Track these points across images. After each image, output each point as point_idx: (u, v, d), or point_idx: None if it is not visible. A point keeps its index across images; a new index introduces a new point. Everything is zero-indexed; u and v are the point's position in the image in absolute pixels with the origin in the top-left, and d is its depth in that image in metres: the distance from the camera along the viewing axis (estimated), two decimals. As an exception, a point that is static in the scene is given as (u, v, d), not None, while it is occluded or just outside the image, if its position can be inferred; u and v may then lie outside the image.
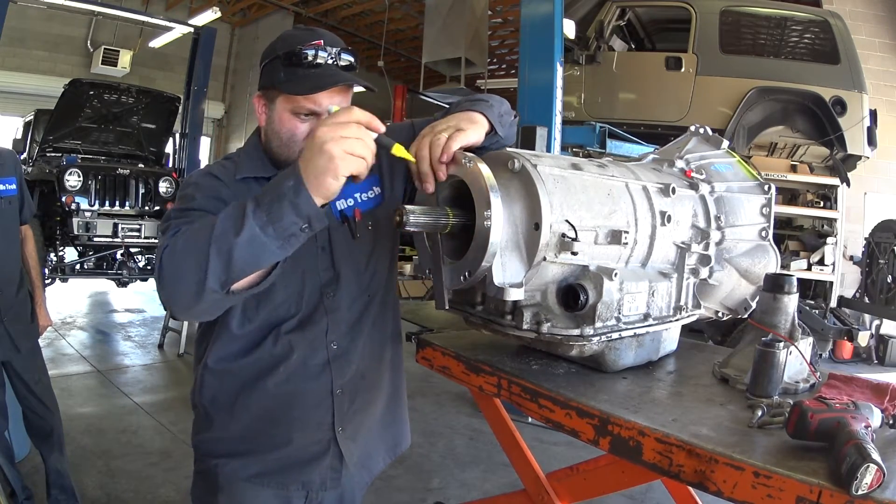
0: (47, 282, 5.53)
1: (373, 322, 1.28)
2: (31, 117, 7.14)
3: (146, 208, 6.24)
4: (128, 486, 2.75)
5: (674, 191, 1.44)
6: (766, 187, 1.67)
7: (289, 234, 0.89)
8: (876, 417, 0.97)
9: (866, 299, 5.29)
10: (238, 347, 1.20)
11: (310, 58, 1.10)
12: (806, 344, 1.30)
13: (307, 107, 1.11)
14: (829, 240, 6.01)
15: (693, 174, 1.59)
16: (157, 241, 4.95)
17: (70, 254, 6.15)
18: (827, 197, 6.14)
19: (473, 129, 1.12)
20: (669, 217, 1.40)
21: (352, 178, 0.93)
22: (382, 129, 0.96)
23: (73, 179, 5.74)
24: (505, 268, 1.18)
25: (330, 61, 1.12)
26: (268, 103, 1.17)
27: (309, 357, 1.20)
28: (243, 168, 1.20)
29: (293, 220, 0.88)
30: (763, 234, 1.65)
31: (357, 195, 1.24)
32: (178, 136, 7.52)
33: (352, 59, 1.16)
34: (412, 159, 1.08)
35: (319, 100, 1.11)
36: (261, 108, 1.19)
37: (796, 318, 1.31)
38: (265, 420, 1.21)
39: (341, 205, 1.21)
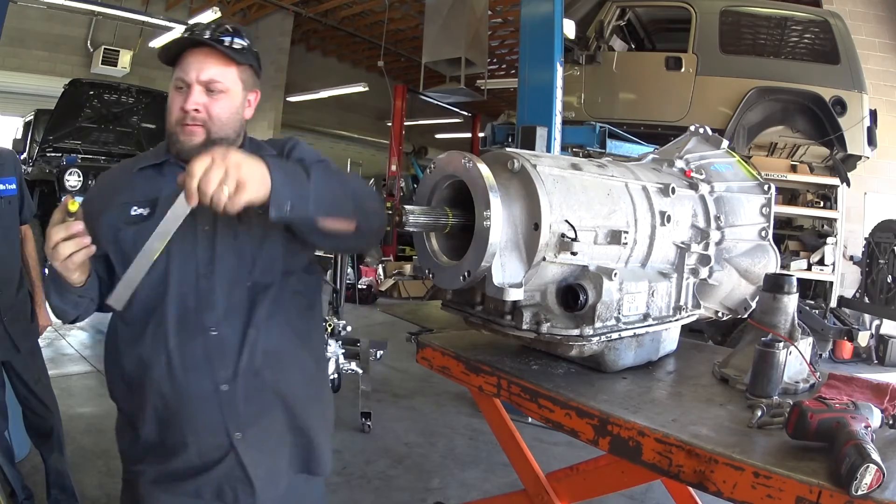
0: (47, 282, 5.52)
1: (268, 316, 1.18)
2: (31, 117, 7.14)
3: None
4: (128, 486, 2.74)
5: (673, 191, 1.44)
6: (765, 187, 1.67)
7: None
8: (876, 417, 0.97)
9: (866, 299, 5.28)
10: (127, 334, 1.18)
11: (187, 31, 1.16)
12: (806, 344, 1.30)
13: (179, 77, 1.15)
14: (829, 240, 6.00)
15: (693, 174, 1.59)
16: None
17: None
18: (827, 197, 6.13)
19: (255, 189, 0.97)
20: (669, 217, 1.40)
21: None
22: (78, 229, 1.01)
23: (73, 179, 5.74)
24: (504, 268, 1.18)
25: (206, 36, 1.14)
26: None
27: (187, 343, 1.13)
28: (142, 159, 1.25)
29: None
30: (763, 233, 1.65)
31: None
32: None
33: (237, 42, 1.16)
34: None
35: (188, 69, 1.14)
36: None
37: (796, 318, 1.31)
38: (161, 420, 1.16)
39: None
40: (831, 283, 5.94)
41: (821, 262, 6.00)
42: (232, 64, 1.16)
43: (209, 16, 9.14)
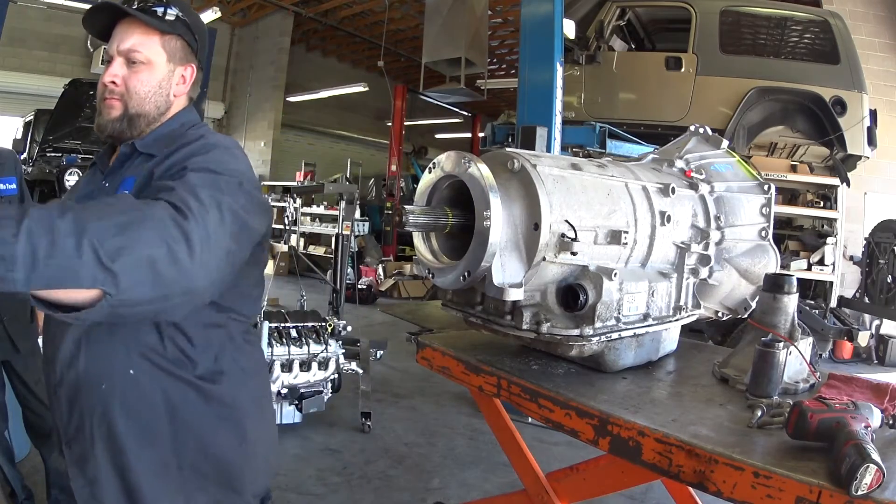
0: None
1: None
2: (31, 117, 7.15)
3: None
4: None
5: (673, 191, 1.44)
6: (765, 187, 1.67)
7: None
8: (876, 417, 0.97)
9: (866, 299, 5.28)
10: None
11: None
12: (806, 344, 1.30)
13: (105, 50, 1.11)
14: (829, 240, 6.00)
15: (693, 174, 1.59)
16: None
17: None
18: (827, 197, 6.13)
19: None
20: (669, 217, 1.40)
21: None
22: None
23: (73, 179, 5.75)
24: (504, 268, 1.18)
25: (127, 5, 1.07)
26: None
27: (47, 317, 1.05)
28: (97, 160, 1.20)
29: None
30: (763, 233, 1.65)
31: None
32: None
33: (167, 12, 1.09)
34: None
35: (111, 41, 1.09)
36: None
37: (796, 318, 1.31)
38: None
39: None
40: (831, 283, 5.94)
41: (821, 262, 6.01)
42: (155, 33, 1.08)
43: (209, 16, 9.14)
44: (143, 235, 0.79)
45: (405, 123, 10.77)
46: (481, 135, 7.97)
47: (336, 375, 3.41)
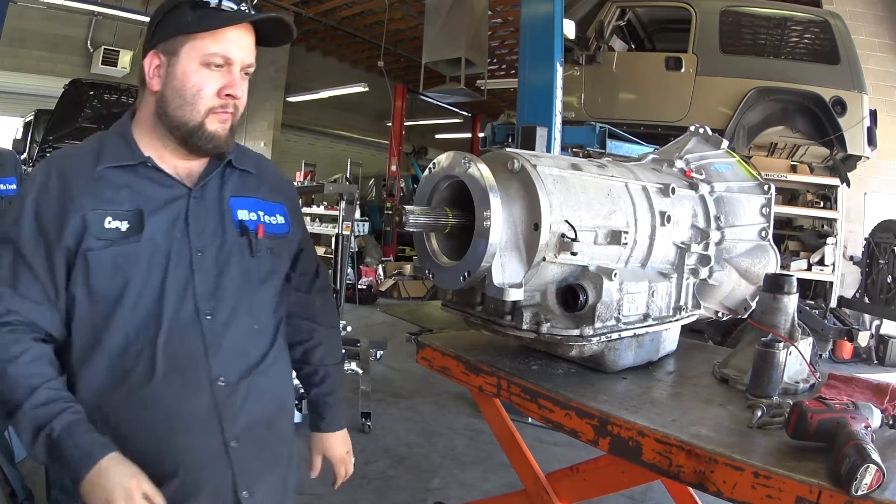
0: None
1: (272, 360, 1.07)
2: (31, 117, 7.16)
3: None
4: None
5: (673, 191, 1.44)
6: (765, 187, 1.67)
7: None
8: (876, 418, 0.97)
9: (866, 299, 5.28)
10: (109, 383, 0.96)
11: (215, 3, 0.97)
12: (806, 344, 1.30)
13: (221, 54, 0.97)
14: (829, 240, 6.00)
15: (693, 174, 1.59)
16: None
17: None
18: (827, 197, 6.13)
19: None
20: (669, 217, 1.40)
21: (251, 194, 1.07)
22: None
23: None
24: (504, 268, 1.19)
25: (243, 7, 1.00)
26: (168, 58, 0.98)
27: (189, 399, 0.96)
28: (105, 156, 0.99)
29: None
30: (763, 234, 1.65)
31: (260, 212, 1.09)
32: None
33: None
34: None
35: (230, 47, 0.97)
36: (154, 69, 0.99)
37: (796, 319, 1.31)
38: (157, 483, 0.94)
39: (244, 215, 1.06)
40: (831, 283, 5.94)
41: (821, 263, 6.00)
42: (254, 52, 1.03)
43: (209, 16, 9.13)
44: None
45: (405, 123, 10.77)
46: (481, 135, 7.97)
47: (336, 375, 3.40)
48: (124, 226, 0.94)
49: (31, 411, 0.89)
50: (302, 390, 1.26)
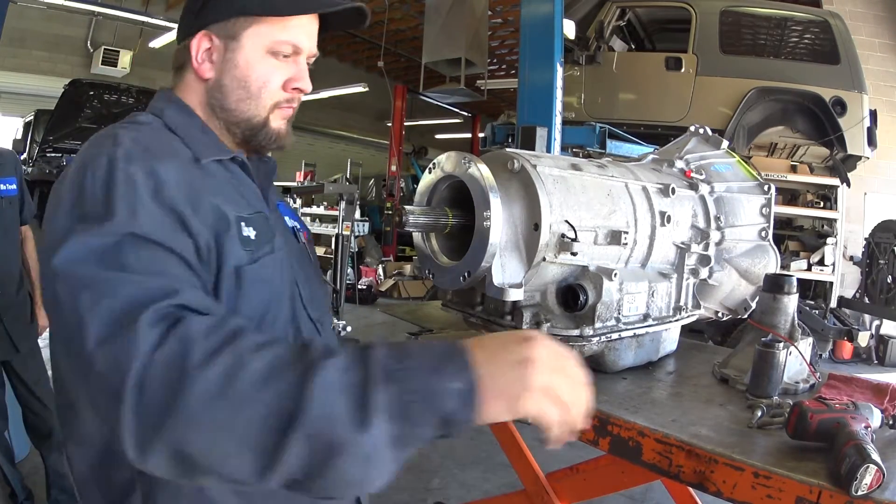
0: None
1: None
2: (31, 117, 7.17)
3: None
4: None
5: (673, 191, 1.44)
6: (765, 187, 1.67)
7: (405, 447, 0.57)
8: (876, 418, 0.97)
9: (866, 299, 5.28)
10: None
11: None
12: (806, 344, 1.30)
13: (290, 42, 0.84)
14: (829, 240, 6.01)
15: (693, 174, 1.59)
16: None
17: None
18: (827, 197, 6.14)
19: None
20: (669, 217, 1.40)
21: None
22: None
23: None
24: (504, 268, 1.18)
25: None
26: (225, 42, 0.83)
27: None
28: (197, 147, 0.81)
29: (428, 433, 0.57)
30: (763, 234, 1.65)
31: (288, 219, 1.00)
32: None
33: None
34: None
35: (299, 35, 0.85)
36: (203, 52, 0.84)
37: (796, 319, 1.31)
38: None
39: (289, 221, 0.99)
40: (831, 283, 5.95)
41: (821, 263, 6.01)
42: None
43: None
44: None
45: (405, 124, 10.76)
46: (481, 135, 7.97)
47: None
48: (253, 233, 0.78)
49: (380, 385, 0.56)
50: None
